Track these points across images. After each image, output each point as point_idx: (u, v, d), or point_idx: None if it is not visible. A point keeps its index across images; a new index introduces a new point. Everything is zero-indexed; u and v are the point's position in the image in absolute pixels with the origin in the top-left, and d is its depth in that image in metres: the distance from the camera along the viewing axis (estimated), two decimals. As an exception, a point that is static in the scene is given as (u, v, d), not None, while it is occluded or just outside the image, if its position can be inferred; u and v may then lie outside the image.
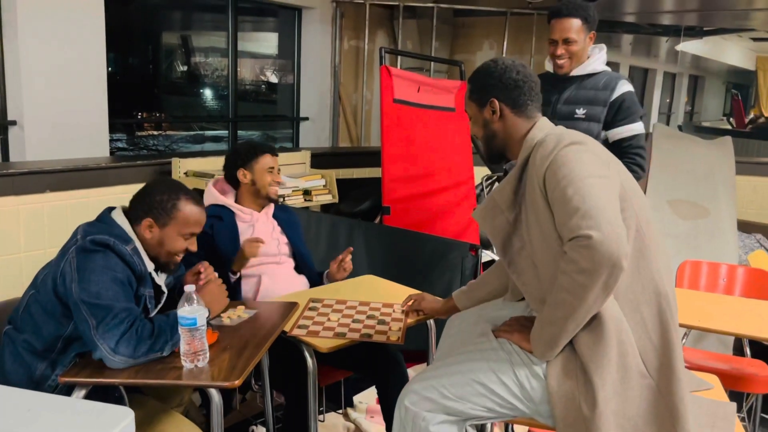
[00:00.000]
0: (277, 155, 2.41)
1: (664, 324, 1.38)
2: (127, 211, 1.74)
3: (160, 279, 1.76)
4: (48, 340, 1.62)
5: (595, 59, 2.39)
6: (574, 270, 1.27)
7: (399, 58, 5.65)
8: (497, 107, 1.54)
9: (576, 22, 2.31)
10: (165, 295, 1.78)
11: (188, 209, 1.74)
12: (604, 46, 2.43)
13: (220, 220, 2.30)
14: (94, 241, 1.59)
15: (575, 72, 2.40)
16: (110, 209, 1.74)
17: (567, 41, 2.33)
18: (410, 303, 2.01)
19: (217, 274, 1.91)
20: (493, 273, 1.80)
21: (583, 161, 1.36)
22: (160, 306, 1.77)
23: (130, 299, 1.60)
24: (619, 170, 1.45)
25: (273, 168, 2.37)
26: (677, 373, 1.37)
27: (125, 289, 1.59)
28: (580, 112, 2.37)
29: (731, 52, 12.10)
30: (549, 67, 2.48)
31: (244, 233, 2.32)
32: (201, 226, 1.80)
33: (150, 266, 1.71)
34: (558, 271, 1.32)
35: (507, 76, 1.54)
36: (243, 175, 2.36)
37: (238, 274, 2.24)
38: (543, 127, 1.53)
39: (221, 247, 2.25)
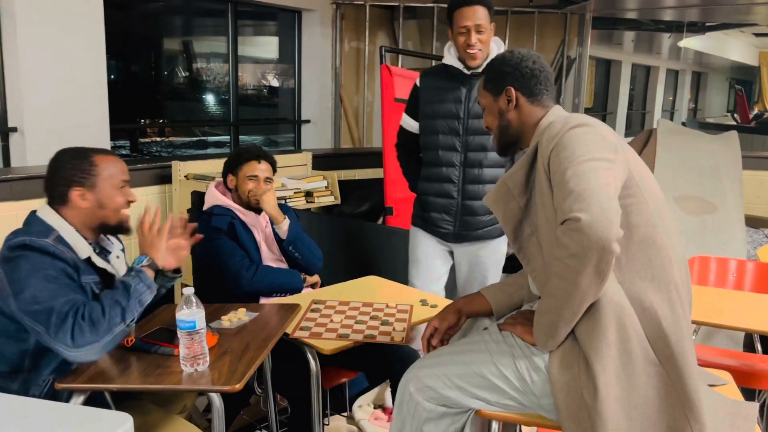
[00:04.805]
0: (270, 163, 2.35)
1: (676, 313, 1.35)
2: (49, 200, 1.66)
3: (105, 262, 1.66)
4: (13, 360, 1.55)
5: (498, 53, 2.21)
6: (565, 255, 1.24)
7: (400, 58, 5.62)
8: (513, 96, 1.53)
9: (484, 11, 2.17)
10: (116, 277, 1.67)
11: (105, 160, 1.68)
12: (500, 40, 2.29)
13: (233, 219, 2.29)
14: (11, 247, 1.52)
15: (485, 67, 2.12)
16: (35, 210, 1.66)
17: (479, 29, 2.18)
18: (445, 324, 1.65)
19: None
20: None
21: (587, 143, 1.33)
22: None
23: (69, 291, 1.51)
24: (630, 157, 1.41)
25: (256, 176, 2.31)
26: (689, 363, 1.34)
27: (62, 283, 1.51)
28: None
29: (734, 48, 12.04)
30: (450, 61, 2.29)
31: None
32: (126, 172, 1.74)
33: (84, 251, 1.61)
34: (553, 257, 1.30)
35: (523, 65, 1.52)
36: (230, 180, 2.36)
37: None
38: (556, 113, 1.51)
39: (243, 242, 2.26)
